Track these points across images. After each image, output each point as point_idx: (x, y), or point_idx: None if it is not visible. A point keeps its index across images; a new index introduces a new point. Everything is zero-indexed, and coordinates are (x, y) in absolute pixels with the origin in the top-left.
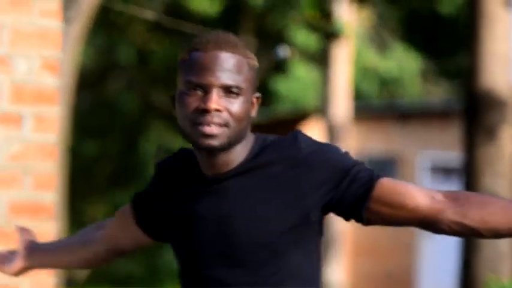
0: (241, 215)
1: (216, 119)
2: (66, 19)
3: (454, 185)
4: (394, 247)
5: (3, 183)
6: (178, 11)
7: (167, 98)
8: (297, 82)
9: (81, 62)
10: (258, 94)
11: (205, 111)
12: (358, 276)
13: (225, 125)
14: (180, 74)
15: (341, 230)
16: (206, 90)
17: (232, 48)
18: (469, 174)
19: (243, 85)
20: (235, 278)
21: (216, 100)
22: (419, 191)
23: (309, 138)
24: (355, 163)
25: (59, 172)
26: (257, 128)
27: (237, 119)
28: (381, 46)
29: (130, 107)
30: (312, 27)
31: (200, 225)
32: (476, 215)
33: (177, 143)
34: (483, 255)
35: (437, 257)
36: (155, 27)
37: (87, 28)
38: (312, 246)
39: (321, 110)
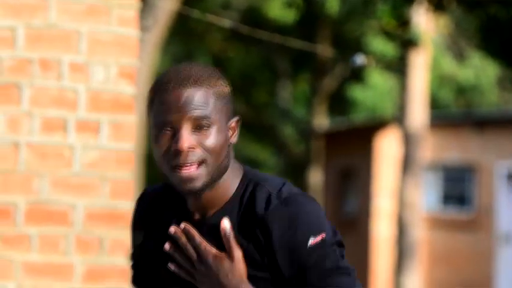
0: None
1: (192, 158)
2: (143, 27)
3: None
4: (471, 255)
5: (80, 190)
6: (255, 19)
7: (244, 106)
8: (374, 90)
9: (157, 70)
10: (236, 118)
11: (178, 152)
12: (434, 285)
13: (202, 162)
14: (148, 115)
15: (417, 238)
16: (175, 129)
17: (194, 82)
18: None
19: (212, 116)
20: None
21: (187, 138)
22: None
23: (288, 196)
24: (316, 256)
25: (136, 180)
26: (334, 135)
27: (214, 152)
28: (458, 54)
29: None
30: (389, 35)
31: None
32: None
33: (256, 151)
34: None
35: None
36: (232, 35)
37: (163, 36)
38: None
39: (398, 118)
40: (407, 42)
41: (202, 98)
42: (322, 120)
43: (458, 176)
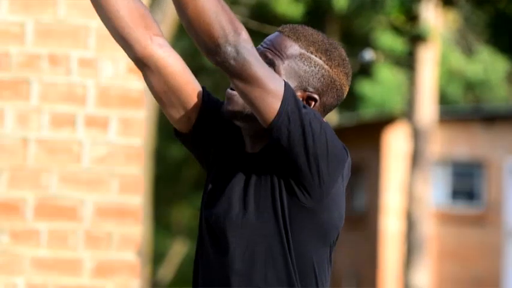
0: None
1: None
2: None
3: None
4: (480, 250)
5: (89, 186)
6: (263, 15)
7: None
8: (383, 85)
9: None
10: (310, 94)
11: None
12: (443, 280)
13: None
14: None
15: (425, 233)
16: None
17: (291, 32)
18: None
19: (279, 64)
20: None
21: None
22: None
23: None
24: None
25: (144, 176)
26: (343, 131)
27: None
28: (467, 49)
29: None
30: (398, 30)
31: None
32: None
33: None
34: None
35: None
36: None
37: (172, 31)
38: None
39: (406, 113)
40: (416, 38)
41: (283, 45)
42: (330, 116)
43: (467, 172)
